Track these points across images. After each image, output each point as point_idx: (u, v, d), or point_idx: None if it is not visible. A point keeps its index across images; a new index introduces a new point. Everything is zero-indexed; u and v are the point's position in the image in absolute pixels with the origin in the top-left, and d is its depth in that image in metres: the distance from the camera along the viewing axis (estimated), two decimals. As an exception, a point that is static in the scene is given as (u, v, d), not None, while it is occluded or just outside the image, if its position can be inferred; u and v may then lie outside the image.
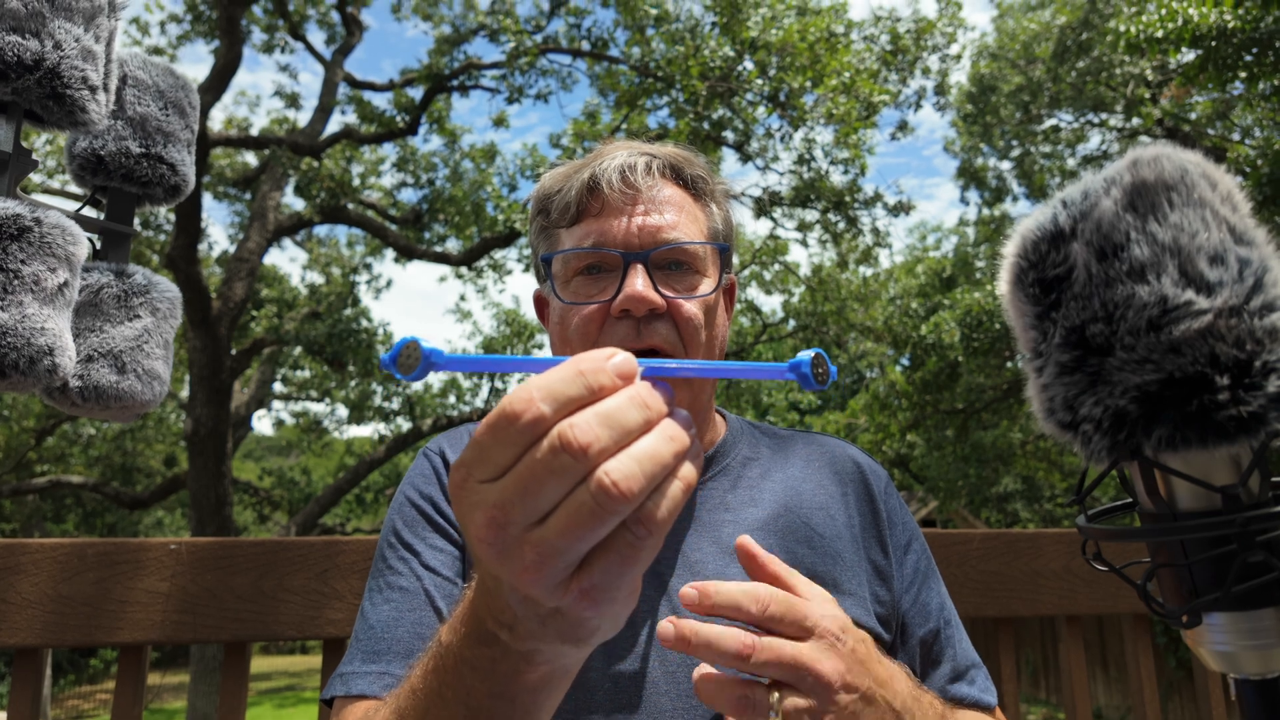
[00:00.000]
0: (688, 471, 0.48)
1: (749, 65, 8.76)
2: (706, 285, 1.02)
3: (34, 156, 0.79)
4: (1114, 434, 0.46)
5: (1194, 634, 0.49)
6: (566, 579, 0.47)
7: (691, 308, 0.99)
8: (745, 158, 9.54)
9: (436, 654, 0.64)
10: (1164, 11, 6.41)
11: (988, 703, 1.01)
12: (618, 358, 0.47)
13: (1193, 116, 11.55)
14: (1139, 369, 0.45)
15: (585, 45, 10.39)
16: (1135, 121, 12.14)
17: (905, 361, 13.70)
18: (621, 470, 0.44)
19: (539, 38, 10.47)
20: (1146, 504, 0.49)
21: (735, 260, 1.26)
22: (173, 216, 8.90)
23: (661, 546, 0.51)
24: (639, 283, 0.96)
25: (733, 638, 0.68)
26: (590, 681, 0.89)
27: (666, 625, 0.70)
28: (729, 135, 9.37)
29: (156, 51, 10.46)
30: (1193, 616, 0.48)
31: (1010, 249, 0.52)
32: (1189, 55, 6.74)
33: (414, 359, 0.51)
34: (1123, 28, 6.73)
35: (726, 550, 0.98)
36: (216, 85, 8.55)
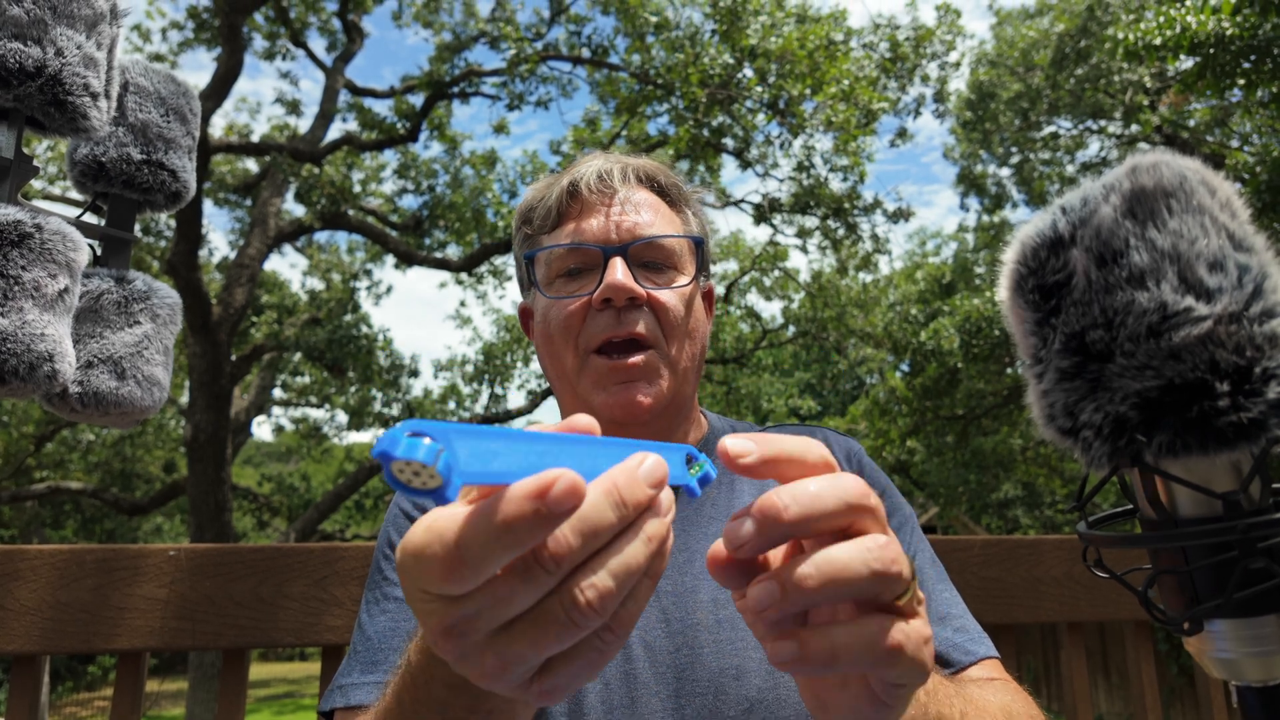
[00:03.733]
0: (658, 568, 0.46)
1: (749, 73, 8.79)
2: (683, 279, 1.05)
3: (35, 163, 0.79)
4: (1114, 440, 0.46)
5: (1196, 641, 0.49)
6: (528, 680, 0.45)
7: (670, 298, 1.02)
8: (745, 164, 9.56)
9: (406, 671, 0.64)
10: (1162, 19, 6.43)
11: (974, 651, 0.96)
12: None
13: (1191, 123, 11.58)
14: (1139, 375, 0.45)
15: (585, 52, 10.41)
16: (1134, 128, 12.18)
17: (905, 367, 13.69)
18: (596, 587, 0.42)
19: (539, 45, 10.50)
20: (1147, 510, 0.49)
21: (734, 267, 1.28)
22: (173, 223, 8.91)
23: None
24: (619, 273, 0.99)
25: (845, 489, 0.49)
26: (585, 706, 0.89)
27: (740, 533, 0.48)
28: (729, 142, 9.40)
29: (158, 58, 10.47)
30: (1194, 623, 0.48)
31: (1010, 255, 0.52)
32: (1187, 62, 6.76)
33: (427, 481, 0.38)
34: (1121, 35, 6.75)
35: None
36: (218, 92, 8.57)
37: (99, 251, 0.93)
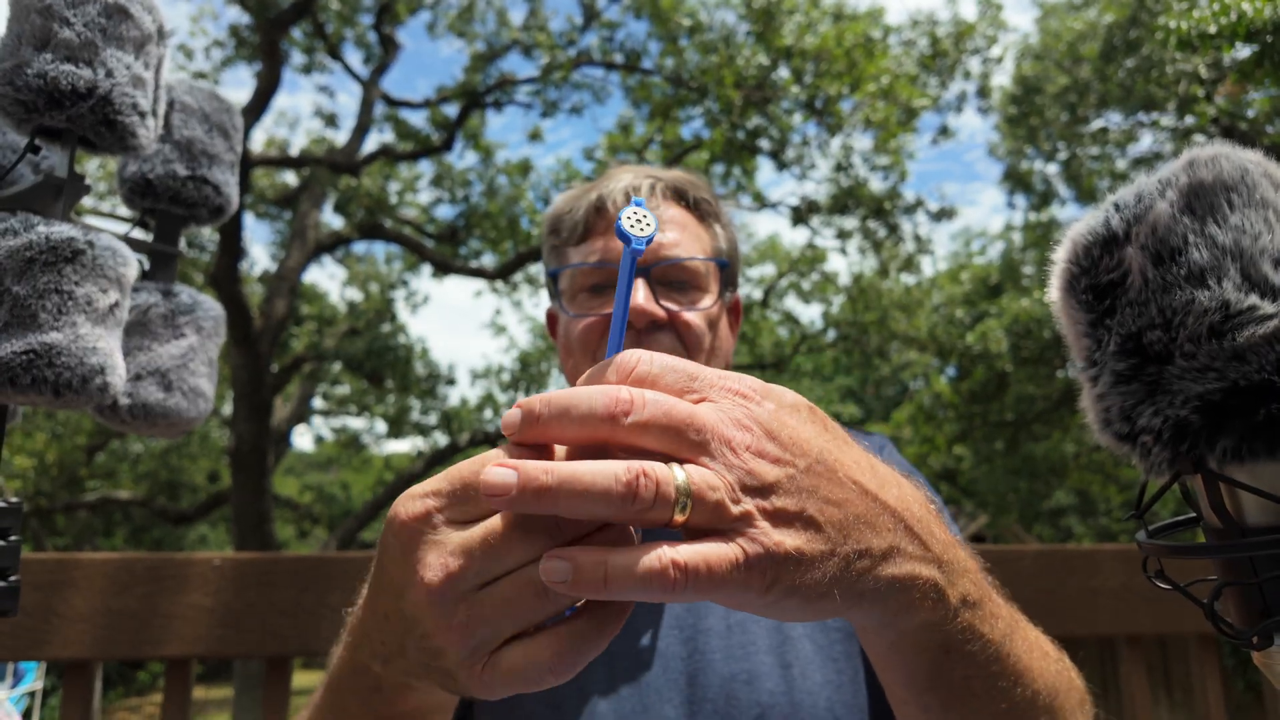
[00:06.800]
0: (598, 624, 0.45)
1: (784, 73, 8.74)
2: (707, 300, 1.06)
3: (86, 181, 0.81)
4: (1175, 446, 0.45)
5: (1264, 656, 0.47)
6: (479, 658, 0.45)
7: (693, 317, 1.03)
8: (781, 165, 9.51)
9: (328, 672, 0.67)
10: (1216, 6, 6.22)
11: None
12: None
13: (1250, 114, 11.17)
14: (1201, 377, 0.43)
15: (619, 58, 10.44)
16: (1189, 120, 11.79)
17: (951, 371, 13.46)
18: (578, 563, 0.41)
19: (572, 52, 10.56)
20: (1211, 519, 0.47)
21: (772, 270, 1.27)
22: (216, 236, 9.10)
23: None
24: (640, 295, 0.99)
25: (595, 392, 0.45)
26: (596, 714, 0.89)
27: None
28: (764, 143, 9.35)
29: (200, 76, 10.72)
30: (1263, 637, 0.46)
31: (1061, 254, 0.50)
32: (1244, 50, 6.53)
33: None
34: (1173, 24, 6.54)
35: None
36: (257, 107, 8.74)
37: (146, 266, 0.95)
